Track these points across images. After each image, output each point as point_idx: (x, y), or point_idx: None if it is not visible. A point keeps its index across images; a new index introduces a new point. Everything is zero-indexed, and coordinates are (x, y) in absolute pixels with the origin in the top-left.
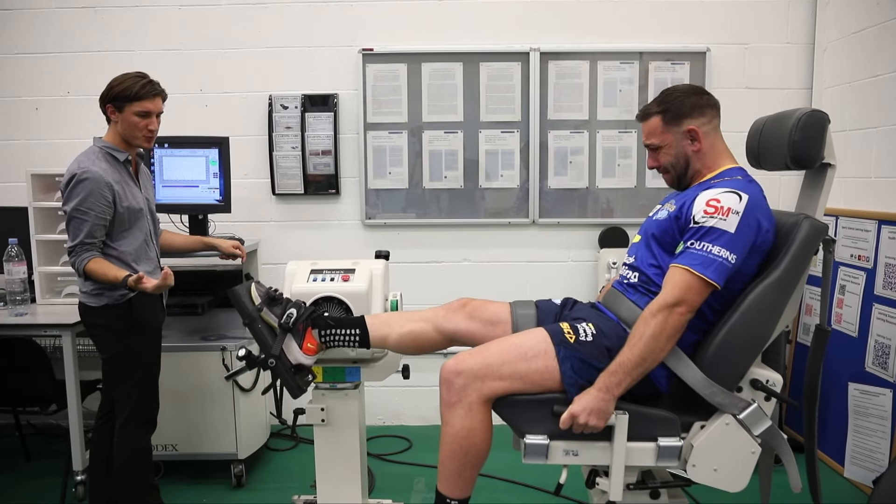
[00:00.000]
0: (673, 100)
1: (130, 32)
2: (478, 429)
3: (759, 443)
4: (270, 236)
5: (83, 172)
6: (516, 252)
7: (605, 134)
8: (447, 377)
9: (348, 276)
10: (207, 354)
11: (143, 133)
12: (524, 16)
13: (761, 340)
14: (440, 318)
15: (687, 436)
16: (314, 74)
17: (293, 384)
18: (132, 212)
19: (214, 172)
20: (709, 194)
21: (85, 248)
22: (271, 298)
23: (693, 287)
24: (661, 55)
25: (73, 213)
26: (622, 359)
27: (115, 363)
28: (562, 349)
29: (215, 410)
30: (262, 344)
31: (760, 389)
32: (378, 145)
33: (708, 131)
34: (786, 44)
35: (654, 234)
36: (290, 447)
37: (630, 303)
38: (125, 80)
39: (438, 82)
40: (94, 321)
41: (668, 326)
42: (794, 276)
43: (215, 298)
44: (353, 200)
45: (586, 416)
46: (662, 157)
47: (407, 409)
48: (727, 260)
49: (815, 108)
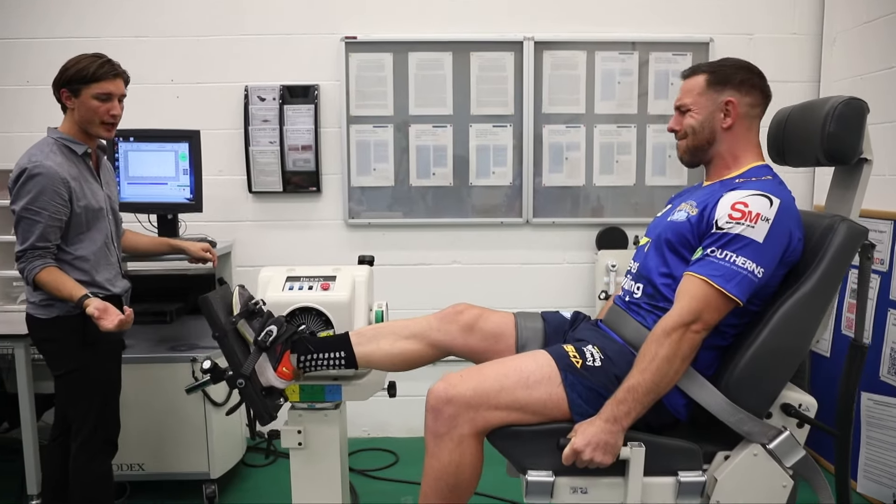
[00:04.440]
0: (726, 66)
1: (96, 18)
2: (467, 464)
3: (791, 475)
4: (246, 237)
5: (35, 167)
6: (508, 253)
7: (603, 129)
8: (435, 405)
9: (328, 284)
10: (176, 366)
11: (103, 119)
12: (517, 3)
13: (794, 361)
14: (434, 331)
15: (709, 468)
16: (293, 64)
17: (262, 410)
18: (91, 211)
19: (185, 169)
20: (735, 196)
21: (36, 254)
22: (250, 312)
23: (711, 301)
24: (661, 45)
25: (22, 213)
26: (631, 384)
27: (68, 381)
28: (568, 375)
29: (185, 426)
30: (232, 361)
31: (793, 416)
32: (362, 140)
33: (746, 113)
34: (792, 34)
35: (668, 239)
36: (268, 462)
37: (636, 323)
38: (80, 61)
39: (426, 73)
40: (44, 335)
41: (684, 346)
42: (831, 288)
43: (185, 305)
44: (335, 199)
45: (591, 451)
46: (688, 119)
47: (393, 419)
48: (753, 273)
49: (850, 96)
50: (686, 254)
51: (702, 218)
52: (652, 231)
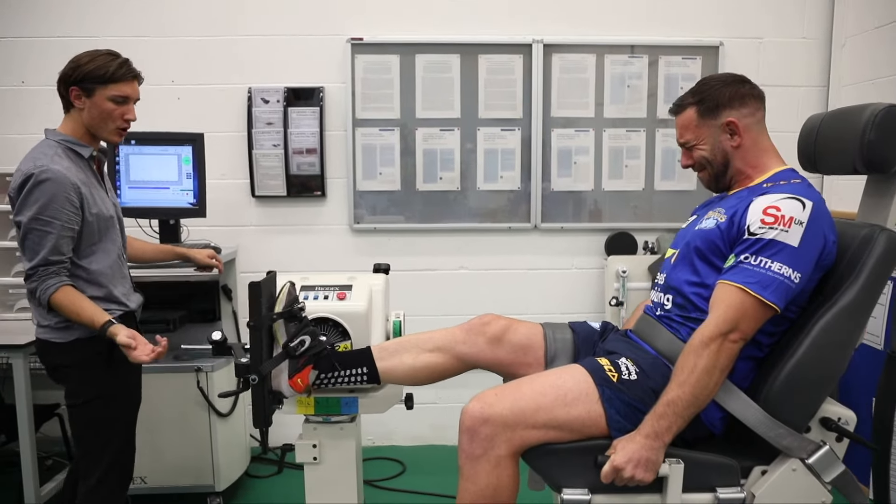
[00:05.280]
0: (709, 89)
1: (93, 16)
2: (505, 486)
3: (830, 490)
4: (249, 243)
5: (42, 172)
6: (516, 259)
7: (612, 133)
8: (472, 425)
9: (344, 293)
10: (180, 376)
11: (117, 124)
12: (527, 5)
13: (835, 374)
14: (459, 344)
15: (745, 483)
16: (298, 66)
17: (262, 413)
18: (103, 220)
19: (188, 173)
20: (766, 200)
21: (50, 271)
22: (292, 314)
23: (748, 310)
24: (671, 49)
25: (31, 225)
26: (671, 398)
27: (88, 410)
28: (606, 390)
29: (190, 438)
30: (256, 355)
31: (833, 430)
32: (368, 143)
33: (750, 125)
34: (802, 39)
35: (697, 247)
36: (274, 473)
37: (669, 333)
38: (96, 58)
39: (434, 75)
40: (64, 361)
41: (722, 357)
42: (871, 298)
43: (188, 313)
44: (340, 203)
45: (632, 468)
46: (697, 153)
47: (399, 428)
48: (789, 279)
49: (891, 103)
50: (717, 262)
51: (732, 224)
52: (679, 241)
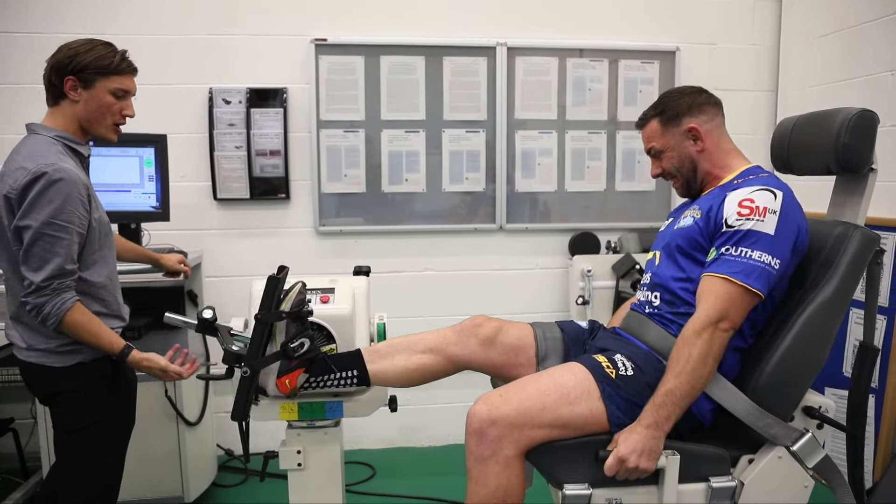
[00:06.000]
0: (668, 100)
1: (46, 13)
2: (515, 486)
3: (812, 475)
4: (212, 247)
5: (56, 170)
6: (482, 260)
7: (574, 135)
8: (479, 427)
9: (327, 296)
10: (148, 385)
11: (115, 119)
12: (490, 8)
13: (817, 364)
14: (451, 346)
15: (734, 472)
16: (261, 66)
17: (244, 407)
18: (104, 225)
19: (150, 175)
20: (740, 194)
21: (65, 284)
22: (298, 316)
23: (735, 298)
24: (631, 53)
25: (43, 230)
26: (669, 388)
27: (88, 435)
28: (606, 387)
29: (157, 448)
30: (253, 349)
31: (816, 417)
32: (332, 145)
33: (711, 129)
34: (752, 45)
35: (678, 245)
36: (240, 482)
37: (659, 328)
38: (95, 47)
39: (398, 77)
40: (62, 387)
41: (715, 345)
42: (848, 293)
43: (153, 320)
44: (304, 206)
45: (636, 457)
46: (666, 161)
47: (367, 431)
48: (770, 265)
49: (862, 108)
50: (698, 256)
51: (709, 219)
52: (659, 242)
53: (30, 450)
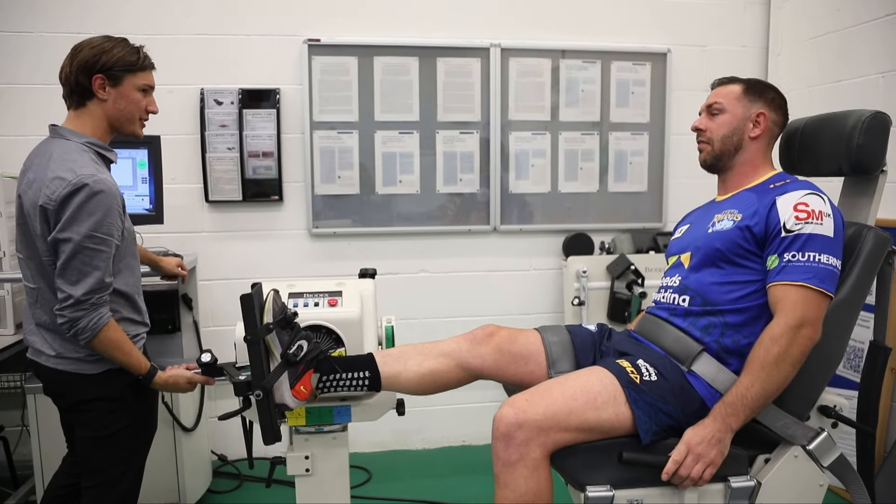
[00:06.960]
0: (760, 82)
1: (31, 11)
2: (544, 489)
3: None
4: (204, 249)
5: (96, 182)
6: (476, 261)
7: (568, 136)
8: (507, 431)
9: (335, 300)
10: None
11: (143, 116)
12: (484, 9)
13: (833, 364)
14: (464, 353)
15: (751, 471)
16: (253, 66)
17: (272, 428)
18: (131, 234)
19: (143, 177)
20: (792, 198)
21: (103, 299)
22: (285, 321)
23: (813, 303)
24: (623, 55)
25: (85, 243)
26: (741, 391)
27: (115, 441)
28: (631, 392)
29: (154, 453)
30: (257, 371)
31: (832, 416)
32: (326, 146)
33: (770, 129)
34: (742, 47)
35: (718, 249)
36: (234, 487)
37: (678, 331)
38: (118, 44)
39: (392, 78)
40: (91, 394)
41: (795, 350)
42: (863, 293)
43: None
44: (298, 208)
45: (705, 447)
46: (718, 123)
47: (360, 435)
48: (836, 267)
49: (875, 110)
50: (739, 260)
51: (754, 220)
52: (688, 246)
53: (19, 458)
